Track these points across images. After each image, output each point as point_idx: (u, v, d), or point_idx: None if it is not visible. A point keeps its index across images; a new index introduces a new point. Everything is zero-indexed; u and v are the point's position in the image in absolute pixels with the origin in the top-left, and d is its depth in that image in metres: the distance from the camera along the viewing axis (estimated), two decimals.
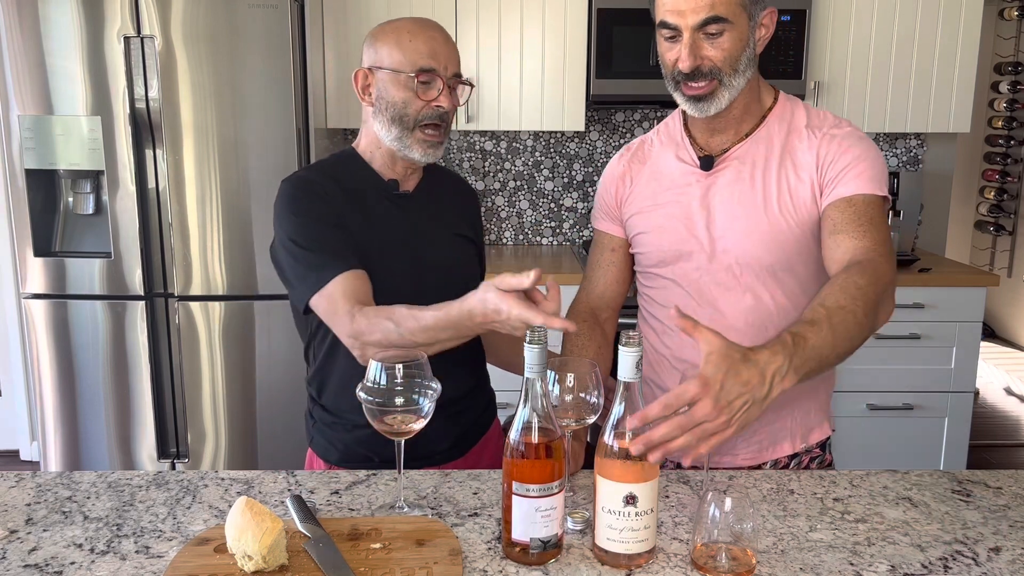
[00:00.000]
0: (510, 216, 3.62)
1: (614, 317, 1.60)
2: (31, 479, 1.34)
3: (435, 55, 1.43)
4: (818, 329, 1.12)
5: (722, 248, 1.43)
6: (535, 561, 1.08)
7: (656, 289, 1.52)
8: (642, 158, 1.54)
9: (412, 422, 1.17)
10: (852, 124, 1.44)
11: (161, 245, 2.78)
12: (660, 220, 1.47)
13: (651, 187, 1.50)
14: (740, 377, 1.02)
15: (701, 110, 1.38)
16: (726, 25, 1.31)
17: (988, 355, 5.27)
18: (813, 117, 1.45)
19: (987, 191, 5.39)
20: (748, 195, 1.41)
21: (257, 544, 1.02)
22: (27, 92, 2.66)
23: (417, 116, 1.44)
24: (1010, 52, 5.20)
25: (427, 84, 1.43)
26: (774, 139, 1.43)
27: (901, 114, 3.22)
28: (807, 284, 1.43)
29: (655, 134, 1.56)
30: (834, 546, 1.15)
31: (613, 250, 1.58)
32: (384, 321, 1.30)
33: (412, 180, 1.54)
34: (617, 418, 1.06)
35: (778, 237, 1.40)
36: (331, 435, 1.55)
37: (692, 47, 1.33)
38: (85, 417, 2.84)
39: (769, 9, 1.37)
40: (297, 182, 1.47)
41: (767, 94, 1.47)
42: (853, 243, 1.30)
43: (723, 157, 1.44)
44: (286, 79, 2.68)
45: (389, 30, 1.46)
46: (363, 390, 1.16)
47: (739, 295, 1.43)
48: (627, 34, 3.03)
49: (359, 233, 1.45)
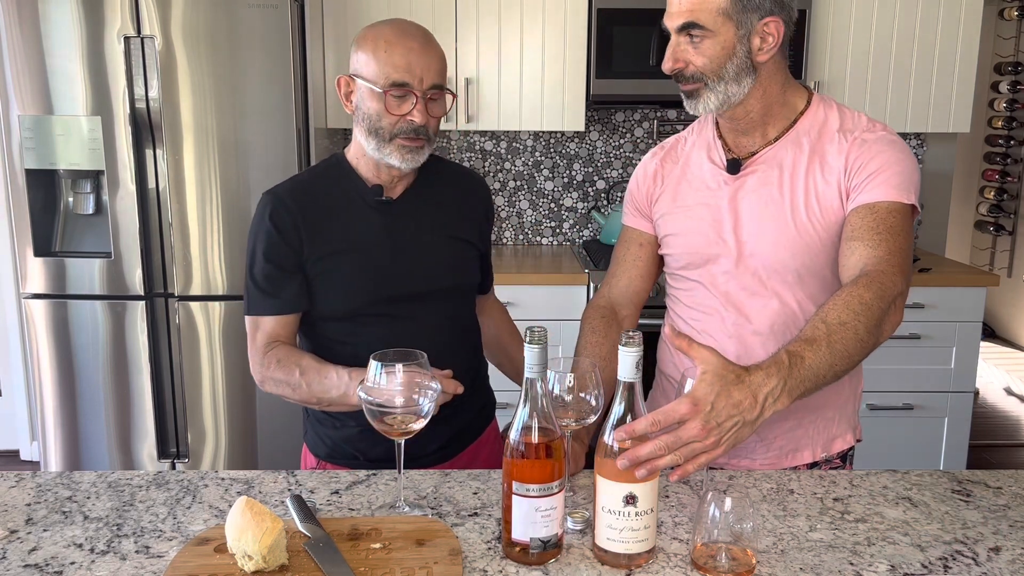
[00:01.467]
0: (510, 216, 3.62)
1: (635, 314, 1.59)
2: (31, 479, 1.34)
3: (410, 68, 1.39)
4: (816, 348, 1.12)
5: (749, 252, 1.43)
6: (535, 561, 1.08)
7: (683, 291, 1.52)
8: (675, 157, 1.53)
9: (412, 422, 1.17)
10: (888, 128, 1.41)
11: (161, 245, 2.78)
12: (689, 222, 1.47)
13: (682, 188, 1.49)
14: (732, 398, 1.03)
15: (691, 107, 1.40)
16: (706, 32, 1.32)
17: (988, 355, 5.26)
18: (847, 120, 1.42)
19: (987, 191, 5.39)
20: (775, 200, 1.41)
21: (257, 544, 1.02)
22: (27, 92, 2.66)
23: (392, 130, 1.42)
24: (1010, 52, 5.20)
25: (400, 98, 1.40)
26: (803, 142, 1.41)
27: (901, 114, 3.22)
28: (833, 287, 1.41)
29: (689, 132, 1.55)
30: (834, 546, 1.15)
31: (641, 245, 1.57)
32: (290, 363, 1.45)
33: (400, 185, 1.52)
34: (617, 418, 1.06)
35: (805, 242, 1.39)
36: (321, 430, 1.57)
37: (674, 49, 1.37)
38: (85, 417, 2.84)
39: (773, 17, 1.34)
40: (271, 207, 1.47)
41: (798, 97, 1.44)
42: (867, 252, 1.29)
43: (750, 160, 1.44)
44: (286, 79, 2.68)
45: (369, 37, 1.42)
46: (363, 390, 1.17)
47: (765, 299, 1.43)
48: (627, 34, 3.03)
49: (336, 243, 1.47)
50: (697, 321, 1.49)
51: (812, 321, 1.18)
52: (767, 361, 1.10)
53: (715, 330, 1.47)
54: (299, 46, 2.74)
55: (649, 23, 2.98)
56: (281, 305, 1.48)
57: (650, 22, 2.97)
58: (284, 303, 1.48)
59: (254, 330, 1.51)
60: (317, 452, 1.59)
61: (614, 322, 1.54)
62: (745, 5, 1.32)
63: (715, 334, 1.47)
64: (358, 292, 1.48)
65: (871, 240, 1.30)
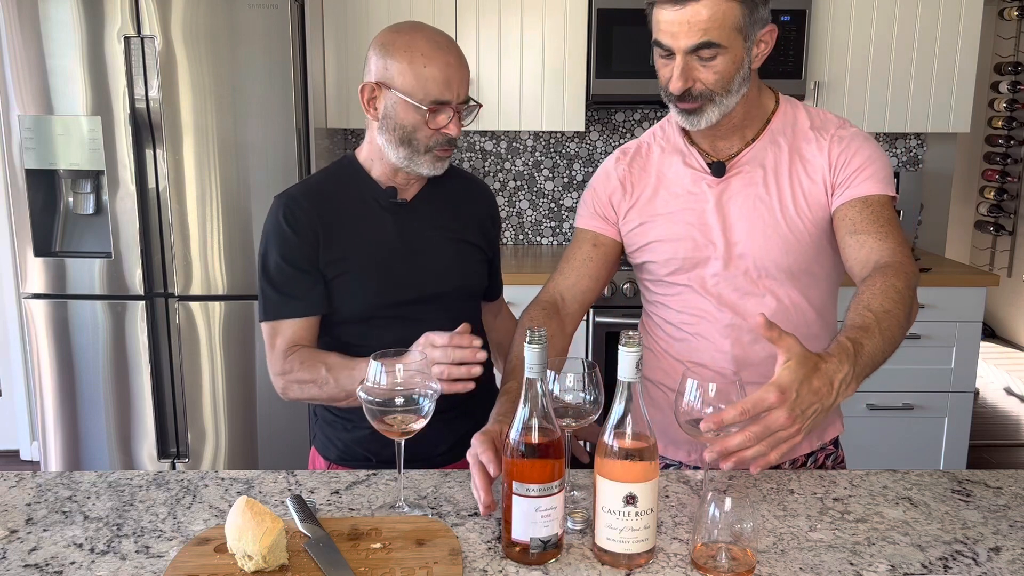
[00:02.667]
0: (510, 216, 3.62)
1: (580, 312, 1.54)
2: (31, 479, 1.34)
3: (449, 84, 1.40)
4: (871, 335, 1.14)
5: (738, 253, 1.43)
6: (535, 561, 1.08)
7: (670, 296, 1.51)
8: (642, 164, 1.52)
9: (412, 422, 1.17)
10: (853, 124, 1.46)
11: (161, 245, 2.78)
12: (674, 228, 1.47)
13: (660, 196, 1.49)
14: (812, 385, 1.03)
15: (692, 123, 1.39)
16: (719, 50, 1.31)
17: (988, 355, 5.27)
18: (815, 118, 1.46)
19: (987, 191, 5.39)
20: (763, 199, 1.42)
21: (257, 544, 1.02)
22: (27, 92, 2.66)
23: (427, 143, 1.42)
24: (1010, 52, 5.20)
25: (437, 112, 1.40)
26: (780, 141, 1.44)
27: (901, 114, 3.22)
28: (822, 282, 1.46)
29: (652, 139, 1.55)
30: (834, 546, 1.15)
31: (595, 246, 1.54)
32: (315, 362, 1.44)
33: (413, 188, 1.53)
34: (617, 418, 1.06)
35: (795, 239, 1.41)
36: (331, 433, 1.56)
37: (684, 70, 1.33)
38: (85, 417, 2.84)
39: (769, 26, 1.36)
40: (285, 208, 1.47)
41: (768, 97, 1.47)
42: (877, 244, 1.33)
43: (733, 162, 1.44)
44: (286, 79, 2.68)
45: (402, 46, 1.40)
46: (363, 390, 1.17)
47: (759, 298, 1.44)
48: (627, 34, 3.03)
49: (351, 246, 1.47)
50: (689, 324, 1.49)
51: (856, 310, 1.19)
52: (835, 347, 1.10)
53: (710, 332, 1.47)
54: (299, 46, 2.74)
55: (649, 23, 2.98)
56: (305, 307, 1.46)
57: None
58: (308, 305, 1.46)
59: (273, 336, 1.48)
60: (327, 455, 1.57)
61: (555, 315, 1.49)
62: (754, 18, 1.32)
63: (710, 336, 1.47)
64: (374, 294, 1.47)
65: (878, 232, 1.33)
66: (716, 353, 1.47)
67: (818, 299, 1.47)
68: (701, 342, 1.48)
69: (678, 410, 1.20)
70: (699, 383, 1.19)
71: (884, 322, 1.17)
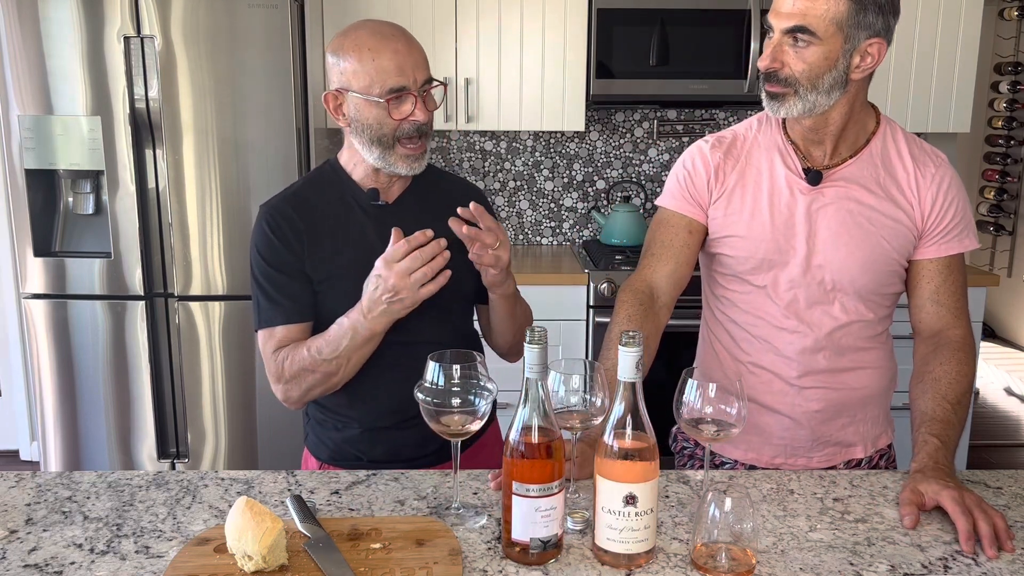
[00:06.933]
0: (510, 216, 3.62)
1: (670, 305, 1.52)
2: (31, 479, 1.34)
3: (402, 70, 1.38)
4: (952, 429, 1.35)
5: (817, 263, 1.44)
6: (535, 561, 1.08)
7: (741, 294, 1.51)
8: (736, 155, 1.50)
9: (468, 423, 1.17)
10: (943, 154, 1.49)
11: (161, 245, 2.78)
12: (759, 226, 1.46)
13: (750, 190, 1.47)
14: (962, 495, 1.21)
15: (772, 108, 1.40)
16: (813, 39, 1.31)
17: (988, 355, 5.26)
18: (913, 146, 1.47)
19: (987, 191, 5.38)
20: (855, 217, 1.43)
21: (257, 544, 1.02)
22: (27, 92, 2.66)
23: (395, 134, 1.41)
24: (1010, 52, 5.20)
25: (399, 100, 1.40)
26: (878, 164, 1.45)
27: (901, 114, 3.21)
28: (887, 299, 1.52)
29: (748, 131, 1.52)
30: (834, 546, 1.15)
31: (691, 232, 1.51)
32: (298, 349, 1.44)
33: (396, 189, 1.53)
34: (617, 418, 1.06)
35: (875, 262, 1.44)
36: (321, 433, 1.57)
37: (775, 48, 1.35)
38: (85, 417, 2.84)
39: (878, 39, 1.35)
40: (269, 217, 1.47)
41: (870, 117, 1.48)
42: (952, 320, 1.47)
43: (830, 173, 1.44)
44: (286, 79, 2.68)
45: (349, 46, 1.40)
46: (420, 390, 1.17)
47: (826, 307, 1.46)
48: (627, 34, 3.03)
49: (334, 252, 1.47)
50: (756, 327, 1.50)
51: (934, 399, 1.38)
52: (939, 472, 1.26)
53: (775, 337, 1.48)
54: (299, 46, 2.74)
55: (649, 23, 2.98)
56: (296, 313, 1.47)
57: (650, 22, 2.97)
58: (299, 311, 1.47)
59: (268, 344, 1.48)
60: (319, 455, 1.58)
61: (651, 310, 1.48)
62: (859, 21, 1.32)
63: (774, 341, 1.48)
64: (359, 298, 1.47)
65: (954, 307, 1.48)
66: (769, 356, 1.48)
67: (879, 314, 1.51)
68: (764, 346, 1.49)
69: (678, 410, 1.20)
70: (699, 383, 1.19)
71: (960, 413, 1.37)
